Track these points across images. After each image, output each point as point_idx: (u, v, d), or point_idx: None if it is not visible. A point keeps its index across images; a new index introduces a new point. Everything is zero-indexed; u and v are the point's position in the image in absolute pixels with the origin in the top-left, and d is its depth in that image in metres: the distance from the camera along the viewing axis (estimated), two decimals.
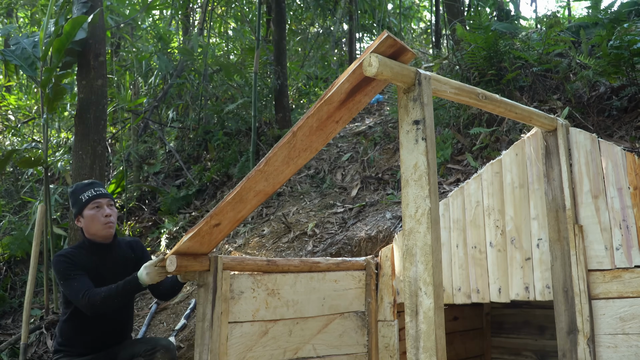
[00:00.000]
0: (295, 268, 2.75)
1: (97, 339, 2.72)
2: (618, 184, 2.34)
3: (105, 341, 2.74)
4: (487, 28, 5.16)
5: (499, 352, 4.06)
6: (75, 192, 2.77)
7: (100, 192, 2.75)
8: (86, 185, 2.78)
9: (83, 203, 2.70)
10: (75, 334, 2.69)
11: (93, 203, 2.70)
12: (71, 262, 2.61)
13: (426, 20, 13.36)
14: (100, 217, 2.69)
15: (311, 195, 5.66)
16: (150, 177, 7.52)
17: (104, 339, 2.74)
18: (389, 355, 2.91)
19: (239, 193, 2.08)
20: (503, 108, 2.14)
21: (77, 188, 2.79)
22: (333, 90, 1.74)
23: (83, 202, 2.70)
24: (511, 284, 2.60)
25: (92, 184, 2.79)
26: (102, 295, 2.44)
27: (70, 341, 2.70)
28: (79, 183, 2.84)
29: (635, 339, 2.22)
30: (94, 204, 2.70)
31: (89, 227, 2.71)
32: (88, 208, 2.70)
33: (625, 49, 4.27)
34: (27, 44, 5.00)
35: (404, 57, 1.69)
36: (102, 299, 2.44)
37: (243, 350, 2.47)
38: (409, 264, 1.67)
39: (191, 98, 8.17)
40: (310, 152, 2.04)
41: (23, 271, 6.20)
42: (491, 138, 4.99)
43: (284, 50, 7.28)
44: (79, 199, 2.72)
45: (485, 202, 2.75)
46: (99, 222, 2.69)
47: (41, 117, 4.93)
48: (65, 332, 2.71)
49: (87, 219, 2.70)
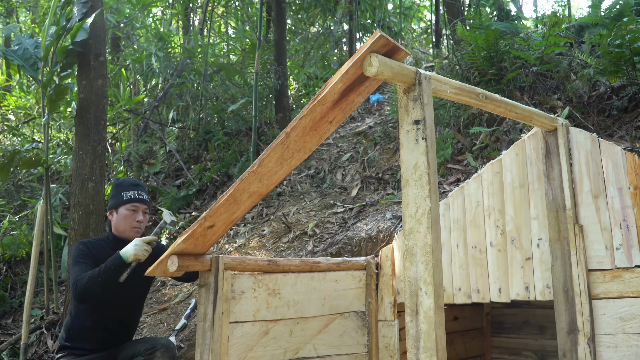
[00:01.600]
0: (296, 268, 2.75)
1: (103, 337, 2.72)
2: (618, 183, 2.34)
3: (111, 340, 2.75)
4: (487, 28, 5.16)
5: (499, 352, 4.06)
6: (120, 186, 2.81)
7: (142, 197, 2.80)
8: (132, 185, 2.82)
9: (123, 200, 2.76)
10: (82, 330, 2.70)
11: (132, 205, 2.76)
12: (87, 251, 2.67)
13: (426, 20, 13.36)
14: (132, 221, 2.76)
15: (311, 195, 5.66)
16: (150, 177, 7.53)
17: (110, 338, 2.74)
18: (389, 355, 2.91)
19: (233, 195, 2.07)
20: (503, 108, 2.14)
21: (123, 183, 2.83)
22: (326, 91, 1.74)
23: (123, 199, 2.76)
24: (511, 283, 2.60)
25: (138, 186, 2.83)
26: (87, 277, 2.46)
27: (76, 338, 2.71)
28: (127, 179, 2.89)
29: (635, 339, 2.22)
30: (132, 205, 2.76)
31: (118, 224, 2.77)
32: (125, 207, 2.76)
33: (626, 48, 4.27)
34: (29, 45, 5.02)
35: (397, 56, 1.69)
36: (87, 280, 2.46)
37: (244, 350, 2.47)
38: (409, 264, 1.67)
39: (191, 98, 8.17)
40: (304, 153, 2.04)
41: (23, 271, 6.20)
42: (491, 138, 4.99)
43: (284, 50, 7.29)
44: (120, 194, 2.77)
45: (485, 202, 2.75)
46: (129, 224, 2.76)
47: (42, 117, 4.93)
48: (73, 328, 2.72)
49: (120, 217, 2.76)
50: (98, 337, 2.72)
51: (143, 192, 2.83)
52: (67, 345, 2.72)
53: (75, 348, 2.70)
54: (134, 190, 2.79)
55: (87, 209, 4.56)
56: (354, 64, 1.66)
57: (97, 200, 4.64)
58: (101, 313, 2.71)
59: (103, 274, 2.46)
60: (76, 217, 4.55)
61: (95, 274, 2.47)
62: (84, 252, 2.66)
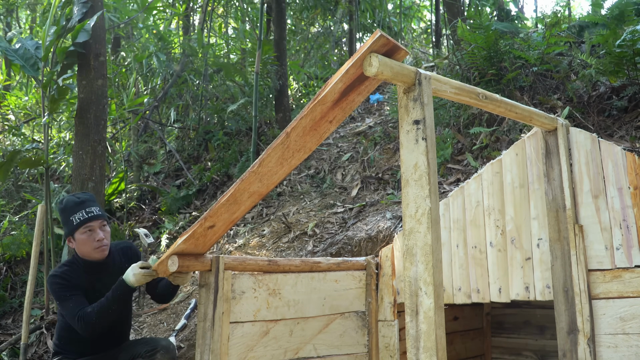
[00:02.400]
0: (296, 268, 2.75)
1: (95, 343, 2.70)
2: (618, 183, 2.34)
3: (103, 345, 2.73)
4: (487, 28, 5.16)
5: (499, 352, 4.07)
6: (66, 210, 2.61)
7: (92, 214, 2.59)
8: (77, 205, 2.60)
9: (74, 226, 2.57)
10: (72, 339, 2.66)
11: (84, 227, 2.57)
12: (66, 282, 2.54)
13: (426, 20, 13.36)
14: (92, 242, 2.59)
15: (311, 195, 5.66)
16: (150, 177, 7.53)
17: (102, 343, 2.72)
18: (389, 355, 2.91)
19: (233, 195, 2.08)
20: (503, 108, 2.14)
21: (67, 206, 2.62)
22: (326, 91, 1.74)
23: (74, 224, 2.57)
24: (511, 283, 2.60)
25: (83, 203, 2.61)
26: (95, 312, 2.40)
27: (68, 345, 2.69)
28: (69, 199, 2.65)
29: (635, 339, 2.22)
30: (85, 227, 2.57)
31: (81, 249, 2.61)
32: (79, 232, 2.57)
33: (627, 48, 4.27)
34: (30, 45, 5.02)
35: (397, 56, 1.69)
36: (96, 315, 2.39)
37: (244, 350, 2.47)
38: (409, 264, 1.67)
39: (191, 98, 8.17)
40: (304, 153, 2.04)
41: (23, 271, 6.20)
42: (491, 138, 4.99)
43: (284, 50, 7.29)
44: (69, 220, 2.59)
45: (485, 202, 2.75)
46: (91, 247, 2.59)
47: (42, 117, 4.94)
48: (64, 337, 2.69)
49: (79, 243, 2.59)
50: (91, 340, 2.67)
51: (92, 207, 2.61)
52: (59, 351, 2.70)
53: (69, 352, 2.69)
54: (81, 209, 2.58)
55: None
56: (354, 64, 1.66)
57: (97, 200, 4.62)
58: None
59: (113, 304, 2.41)
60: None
61: (105, 305, 2.40)
62: (63, 285, 2.52)
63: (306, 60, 9.68)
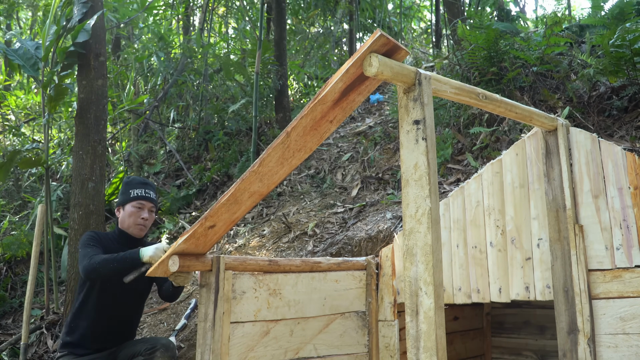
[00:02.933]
0: (297, 268, 2.75)
1: (104, 336, 2.74)
2: (618, 183, 2.34)
3: (111, 339, 2.76)
4: (487, 27, 5.16)
5: (500, 352, 4.07)
6: (129, 184, 2.87)
7: (149, 195, 2.86)
8: (141, 183, 2.88)
9: (130, 198, 2.83)
10: (83, 328, 2.73)
11: (138, 202, 2.83)
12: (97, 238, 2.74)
13: (426, 20, 13.36)
14: (137, 218, 2.82)
15: (311, 195, 5.66)
16: (150, 177, 7.53)
17: (110, 337, 2.76)
18: (389, 355, 2.91)
19: (234, 194, 2.07)
20: (503, 108, 2.14)
21: (133, 181, 2.89)
22: (327, 90, 1.74)
23: (130, 196, 2.83)
24: (511, 283, 2.60)
25: (146, 185, 2.89)
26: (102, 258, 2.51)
27: (77, 335, 2.73)
28: (137, 177, 2.96)
29: (635, 339, 2.22)
30: (138, 203, 2.83)
31: (124, 220, 2.84)
32: (131, 204, 2.83)
33: (626, 48, 4.27)
34: (30, 46, 5.02)
35: (397, 56, 1.69)
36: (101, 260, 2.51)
37: (245, 350, 2.47)
38: (409, 264, 1.67)
39: (191, 98, 8.17)
40: (304, 152, 2.04)
41: (23, 271, 6.20)
42: (491, 138, 4.99)
43: (284, 50, 7.29)
44: (128, 192, 2.84)
45: (485, 202, 2.75)
46: (134, 221, 2.82)
47: (42, 117, 4.94)
48: (74, 326, 2.74)
49: (126, 213, 2.83)
50: (98, 335, 2.74)
51: (151, 191, 2.89)
52: (68, 342, 2.73)
53: (76, 346, 2.71)
54: (142, 188, 2.85)
55: (87, 209, 4.57)
56: (354, 63, 1.66)
57: (97, 201, 4.64)
58: (103, 311, 2.73)
59: (116, 262, 2.50)
60: (76, 217, 4.56)
61: (110, 258, 2.51)
62: (94, 238, 2.73)
63: (306, 60, 9.68)
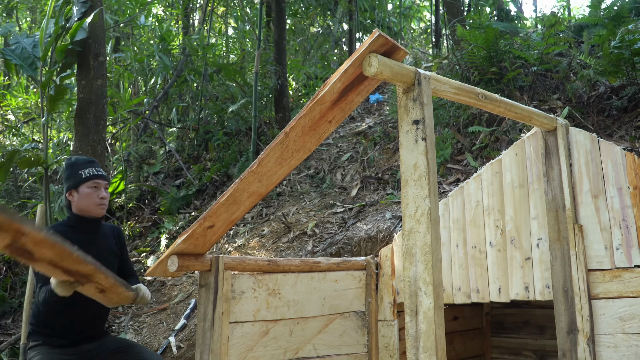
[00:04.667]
0: (296, 268, 2.75)
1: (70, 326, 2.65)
2: (618, 183, 2.34)
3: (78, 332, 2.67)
4: (487, 27, 5.16)
5: (499, 352, 4.07)
6: (75, 165, 2.70)
7: (101, 173, 2.71)
8: (87, 162, 2.71)
9: (82, 179, 2.66)
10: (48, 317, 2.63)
11: (92, 182, 2.66)
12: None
13: (426, 20, 13.36)
14: (95, 198, 2.66)
15: (311, 195, 5.66)
16: (150, 177, 7.53)
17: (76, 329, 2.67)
18: (389, 355, 2.91)
19: (233, 194, 2.07)
20: (503, 108, 2.14)
21: (77, 161, 2.73)
22: (325, 90, 1.74)
23: (82, 178, 2.66)
24: (511, 283, 2.60)
25: (93, 162, 2.73)
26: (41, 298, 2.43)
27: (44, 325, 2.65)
28: (79, 157, 2.76)
29: (635, 339, 2.22)
30: (93, 183, 2.67)
31: (80, 203, 2.67)
32: (86, 186, 2.66)
33: (625, 49, 4.28)
34: (27, 44, 5.01)
35: (396, 56, 1.69)
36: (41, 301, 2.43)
37: (244, 350, 2.47)
38: (408, 264, 1.67)
39: (191, 98, 8.17)
40: (303, 153, 2.03)
41: (23, 271, 6.20)
42: (491, 138, 4.99)
43: (284, 50, 7.29)
44: (77, 173, 2.67)
45: (485, 201, 2.75)
46: (93, 202, 2.66)
47: (41, 117, 4.93)
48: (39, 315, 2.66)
49: (82, 196, 2.66)
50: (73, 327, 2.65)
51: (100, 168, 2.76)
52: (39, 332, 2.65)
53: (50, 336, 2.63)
54: (91, 167, 2.69)
55: None
56: (352, 63, 1.65)
57: None
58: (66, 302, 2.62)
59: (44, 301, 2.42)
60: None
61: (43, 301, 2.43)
62: None
63: (306, 60, 9.68)
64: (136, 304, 2.56)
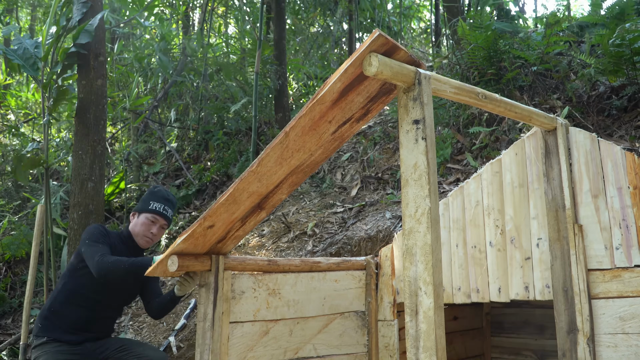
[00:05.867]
0: (296, 268, 2.75)
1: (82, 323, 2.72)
2: (618, 183, 2.34)
3: (87, 330, 2.74)
4: (487, 27, 5.16)
5: (499, 352, 4.07)
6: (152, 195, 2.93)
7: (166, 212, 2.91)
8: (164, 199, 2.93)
9: (148, 209, 2.89)
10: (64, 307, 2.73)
11: (153, 216, 2.88)
12: (106, 234, 2.77)
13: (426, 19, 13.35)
14: (146, 230, 2.88)
15: (311, 195, 5.66)
16: (150, 177, 7.52)
17: (87, 327, 2.74)
18: (389, 355, 2.91)
19: (232, 194, 2.07)
20: (503, 107, 2.14)
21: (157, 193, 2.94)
22: (325, 90, 1.74)
23: (149, 208, 2.89)
24: (511, 283, 2.60)
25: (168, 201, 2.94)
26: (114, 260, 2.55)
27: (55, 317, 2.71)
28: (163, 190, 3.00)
29: (635, 339, 2.22)
30: (153, 217, 2.88)
31: (135, 227, 2.90)
32: (146, 215, 2.88)
33: (626, 47, 4.27)
34: (29, 45, 5.01)
35: (396, 56, 1.69)
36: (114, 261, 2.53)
37: (244, 350, 2.47)
38: (408, 264, 1.67)
39: (191, 98, 8.17)
40: (303, 153, 2.03)
41: (23, 271, 6.20)
42: (491, 137, 4.99)
43: (284, 50, 7.29)
44: (149, 202, 2.91)
45: (485, 201, 2.75)
46: (143, 232, 2.87)
47: (42, 117, 4.93)
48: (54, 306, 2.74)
49: (139, 222, 2.89)
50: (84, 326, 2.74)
51: (169, 209, 2.94)
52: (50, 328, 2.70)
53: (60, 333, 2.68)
54: (162, 204, 2.91)
55: (86, 208, 4.57)
56: (352, 63, 1.65)
57: (97, 200, 4.64)
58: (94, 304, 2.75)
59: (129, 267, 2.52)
60: (76, 217, 4.56)
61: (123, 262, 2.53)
62: (103, 234, 2.75)
63: (306, 59, 9.68)
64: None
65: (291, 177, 2.18)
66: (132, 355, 2.73)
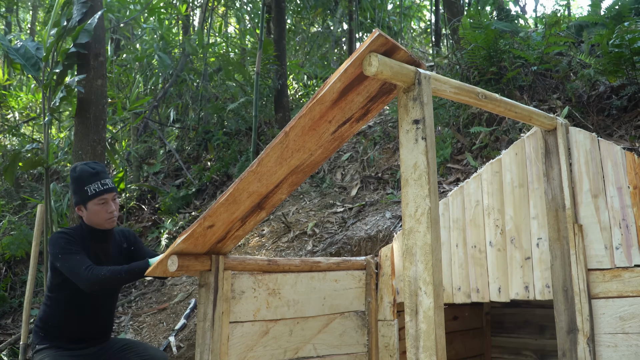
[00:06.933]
0: (296, 268, 2.75)
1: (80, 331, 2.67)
2: (618, 183, 2.34)
3: (86, 337, 2.70)
4: (487, 27, 5.16)
5: (499, 352, 4.07)
6: (80, 179, 2.64)
7: (107, 186, 2.65)
8: (92, 175, 2.64)
9: (88, 196, 2.61)
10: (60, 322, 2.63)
11: (99, 199, 2.61)
12: (73, 239, 2.55)
13: (426, 19, 13.35)
14: (105, 214, 2.64)
15: (311, 195, 5.66)
16: (150, 177, 7.53)
17: (86, 334, 2.70)
18: (388, 355, 2.91)
19: (232, 194, 2.07)
20: (503, 107, 2.14)
21: (82, 175, 2.64)
22: (325, 90, 1.74)
23: (88, 195, 2.61)
24: (511, 283, 2.60)
25: (98, 174, 2.65)
26: (108, 271, 2.40)
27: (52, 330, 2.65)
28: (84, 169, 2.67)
29: (635, 338, 2.22)
30: (100, 199, 2.62)
31: (91, 218, 2.65)
32: (93, 203, 2.61)
33: (625, 48, 4.28)
34: (31, 46, 5.02)
35: (396, 56, 1.69)
36: (108, 273, 2.39)
37: (244, 350, 2.47)
38: (408, 264, 1.67)
39: (191, 98, 8.17)
40: (303, 153, 2.03)
41: (23, 271, 6.20)
42: (491, 137, 4.99)
43: (284, 50, 7.29)
44: (83, 190, 2.62)
45: (485, 201, 2.75)
46: (103, 217, 2.64)
47: (42, 117, 4.93)
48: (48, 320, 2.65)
49: (91, 213, 2.63)
50: (75, 329, 2.67)
51: (106, 179, 2.66)
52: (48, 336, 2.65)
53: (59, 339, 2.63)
54: (96, 181, 2.63)
55: None
56: (352, 63, 1.65)
57: None
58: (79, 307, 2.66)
59: (126, 276, 2.42)
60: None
61: (117, 271, 2.41)
62: (71, 241, 2.54)
63: (306, 59, 9.68)
64: None
65: (291, 177, 2.18)
66: (133, 354, 2.73)
